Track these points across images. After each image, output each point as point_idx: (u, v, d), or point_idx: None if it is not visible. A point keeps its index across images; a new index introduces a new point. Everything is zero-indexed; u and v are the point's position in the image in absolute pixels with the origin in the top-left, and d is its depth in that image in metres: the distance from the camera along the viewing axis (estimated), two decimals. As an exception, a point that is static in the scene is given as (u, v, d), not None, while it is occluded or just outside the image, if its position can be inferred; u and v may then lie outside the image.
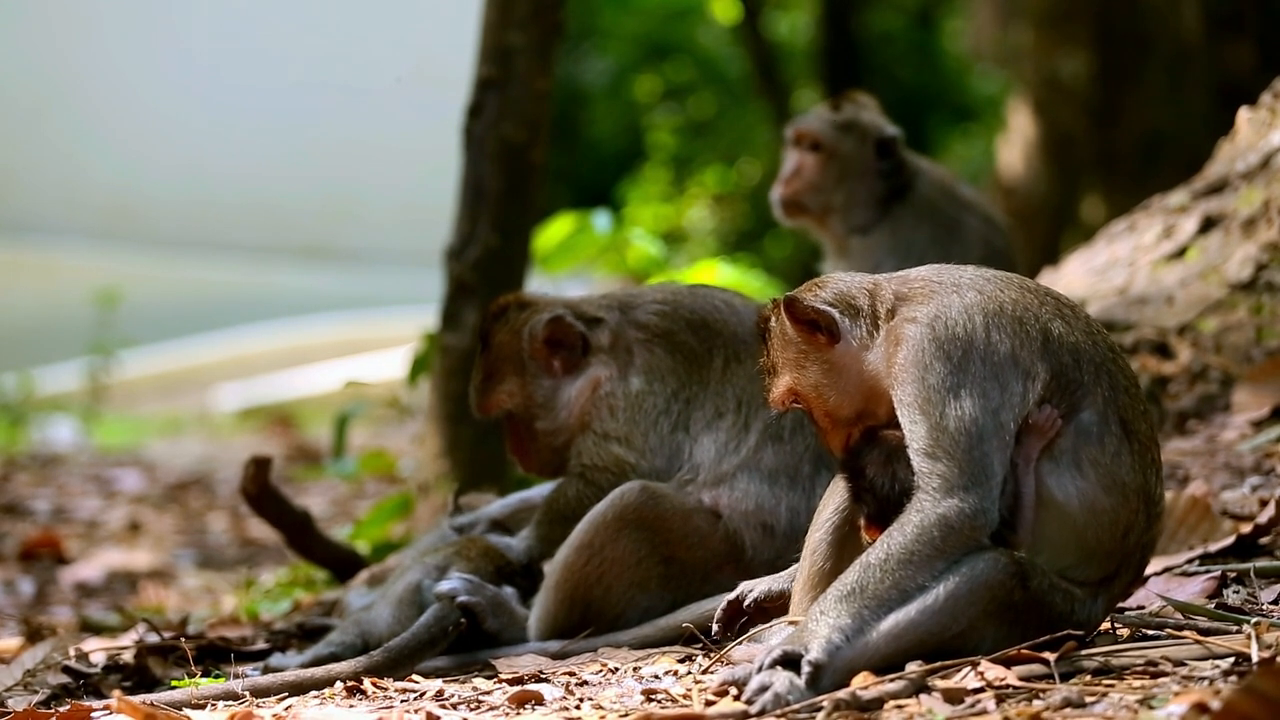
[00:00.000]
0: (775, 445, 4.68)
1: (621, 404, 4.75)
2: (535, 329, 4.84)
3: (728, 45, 21.25)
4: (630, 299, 4.91)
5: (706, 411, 4.73)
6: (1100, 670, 3.63)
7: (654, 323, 4.82)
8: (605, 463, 4.74)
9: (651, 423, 4.74)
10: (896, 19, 20.95)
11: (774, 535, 4.64)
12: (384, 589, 4.97)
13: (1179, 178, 7.28)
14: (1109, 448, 3.75)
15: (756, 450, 4.68)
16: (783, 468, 4.67)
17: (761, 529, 4.67)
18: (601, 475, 4.74)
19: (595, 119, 22.35)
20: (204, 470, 11.75)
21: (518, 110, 6.29)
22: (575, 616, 4.68)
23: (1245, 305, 6.20)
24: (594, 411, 4.79)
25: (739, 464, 4.68)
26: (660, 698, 3.86)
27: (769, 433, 4.67)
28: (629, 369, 4.79)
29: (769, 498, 4.66)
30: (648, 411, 4.75)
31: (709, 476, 4.69)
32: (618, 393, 4.77)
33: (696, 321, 4.80)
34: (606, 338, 4.83)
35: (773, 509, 4.66)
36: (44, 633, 5.82)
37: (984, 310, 3.78)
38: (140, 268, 18.52)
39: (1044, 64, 13.14)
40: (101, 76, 19.98)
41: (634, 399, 4.75)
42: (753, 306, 4.86)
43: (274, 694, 4.35)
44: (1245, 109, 6.85)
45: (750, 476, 4.67)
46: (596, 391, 4.80)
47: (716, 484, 4.68)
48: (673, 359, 4.78)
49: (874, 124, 6.31)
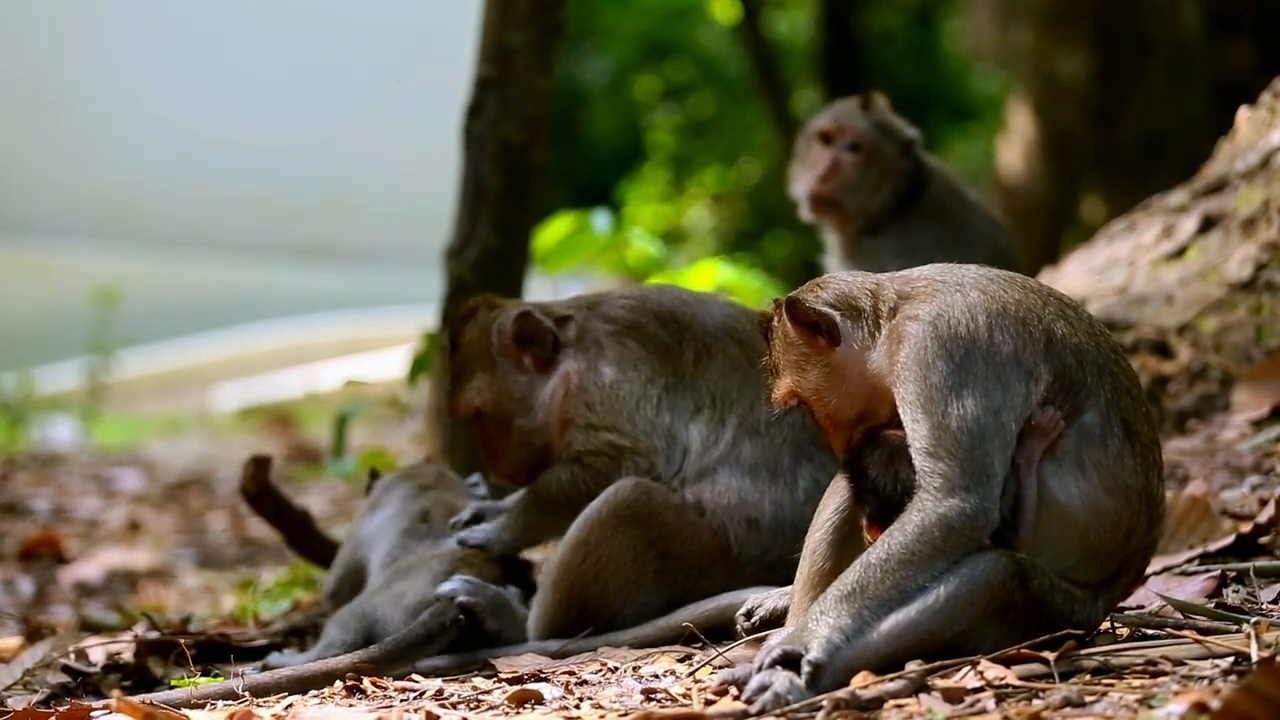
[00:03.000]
0: (753, 439, 4.68)
1: (596, 396, 4.76)
2: (504, 325, 4.85)
3: (727, 45, 21.24)
4: (597, 298, 4.94)
5: (686, 403, 4.73)
6: (1100, 670, 3.63)
7: (622, 316, 4.83)
8: (599, 447, 4.74)
9: (633, 408, 4.74)
10: (896, 19, 20.95)
11: (759, 529, 4.65)
12: (388, 586, 4.94)
13: (1179, 178, 7.28)
14: (1111, 449, 3.74)
15: (734, 444, 4.69)
16: (762, 461, 4.67)
17: (746, 524, 4.67)
18: (597, 459, 4.74)
19: (595, 119, 22.35)
20: (204, 470, 11.74)
21: (518, 110, 6.29)
22: (573, 614, 4.68)
23: (1245, 305, 6.20)
24: (573, 408, 4.80)
25: (718, 458, 4.69)
26: (660, 697, 3.86)
27: (745, 426, 4.68)
28: (599, 360, 4.79)
29: (751, 492, 4.67)
30: (624, 399, 4.74)
31: (692, 471, 4.70)
32: (589, 385, 4.78)
33: (664, 314, 4.82)
34: (574, 331, 4.84)
35: (756, 503, 4.66)
36: (44, 632, 5.82)
37: (987, 310, 3.78)
38: (140, 267, 18.52)
39: (1044, 64, 13.15)
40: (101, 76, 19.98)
41: (608, 389, 4.75)
42: (721, 302, 4.89)
43: (273, 693, 4.35)
44: (1245, 109, 6.86)
45: (731, 471, 4.68)
46: (569, 386, 4.80)
47: (699, 479, 4.69)
48: (643, 349, 4.78)
49: (899, 125, 6.30)
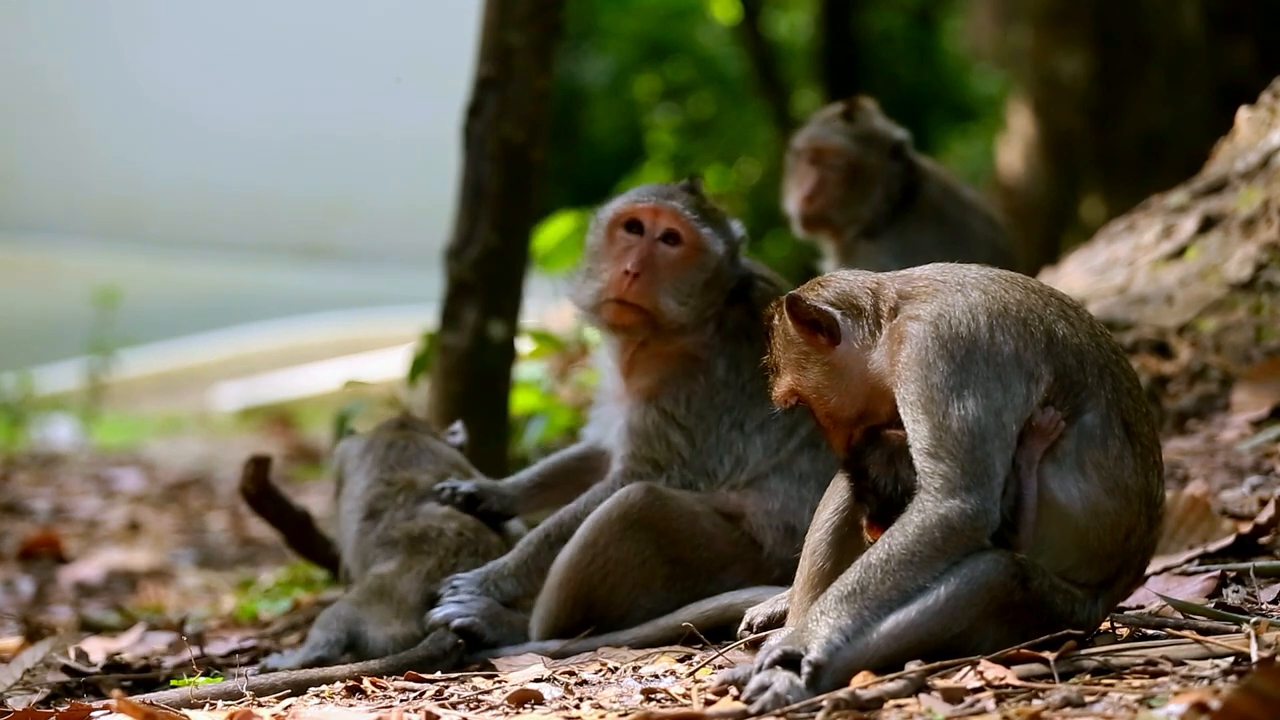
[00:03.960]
0: (812, 452, 4.71)
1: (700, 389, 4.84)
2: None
3: (727, 45, 21.23)
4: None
5: (761, 411, 4.73)
6: (1100, 670, 3.63)
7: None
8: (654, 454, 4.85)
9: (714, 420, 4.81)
10: (896, 18, 20.93)
11: (794, 537, 4.64)
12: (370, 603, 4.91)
13: (1179, 178, 7.28)
14: (1112, 450, 3.74)
15: (795, 455, 4.71)
16: (814, 474, 4.70)
17: (784, 529, 4.69)
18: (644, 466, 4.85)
19: (595, 118, 22.33)
20: (203, 470, 11.74)
21: (517, 110, 6.28)
22: (578, 616, 4.68)
23: (1245, 305, 6.20)
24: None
25: (775, 465, 4.71)
26: (660, 697, 3.86)
27: (810, 439, 4.69)
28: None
29: (795, 499, 4.68)
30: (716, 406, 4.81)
31: (743, 478, 4.71)
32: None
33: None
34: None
35: (797, 510, 4.68)
36: (43, 632, 5.82)
37: (988, 310, 3.78)
38: (140, 267, 18.51)
39: (1043, 64, 13.13)
40: (102, 76, 19.97)
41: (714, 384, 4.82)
42: None
43: (274, 693, 4.35)
44: (1245, 109, 6.86)
45: (782, 478, 4.71)
46: None
47: (749, 484, 4.72)
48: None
49: (886, 130, 6.30)
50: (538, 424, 7.13)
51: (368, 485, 5.06)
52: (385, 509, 5.00)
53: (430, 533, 4.92)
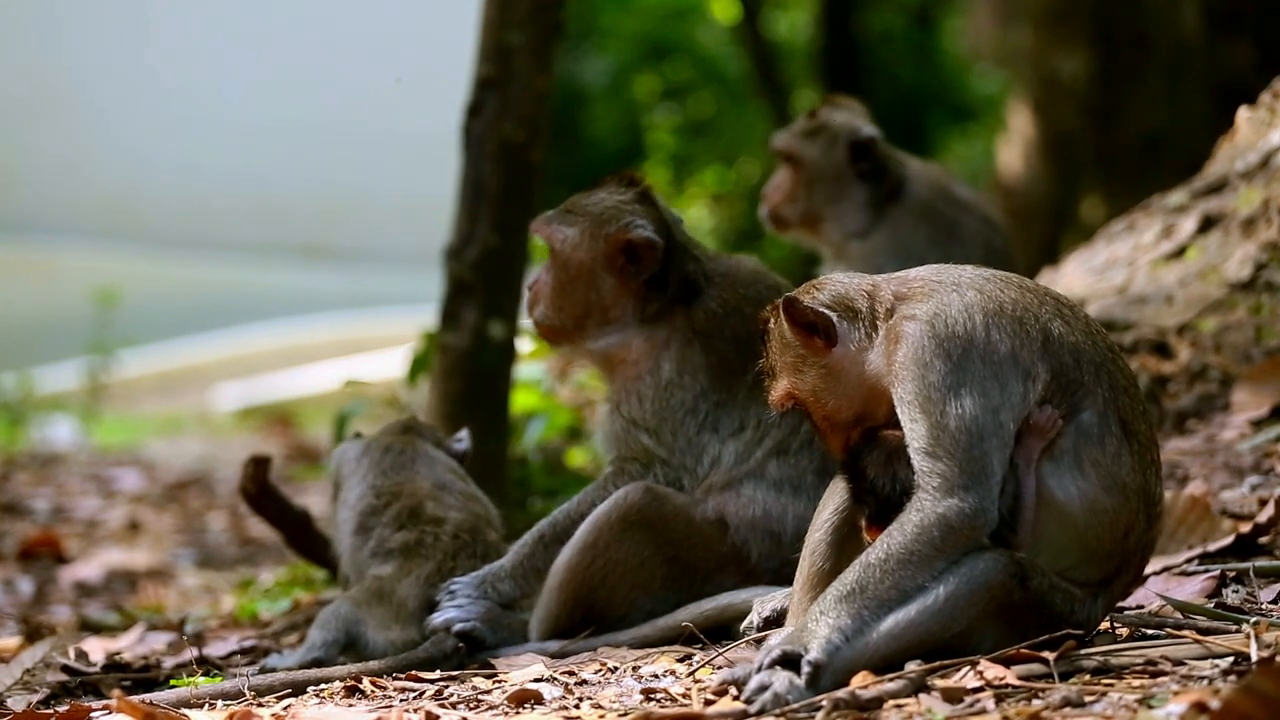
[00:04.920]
0: (780, 459, 4.69)
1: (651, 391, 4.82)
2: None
3: (727, 45, 21.24)
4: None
5: (731, 420, 4.72)
6: (1099, 669, 3.63)
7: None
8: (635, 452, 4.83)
9: (679, 420, 4.79)
10: (896, 18, 20.94)
11: (780, 543, 4.64)
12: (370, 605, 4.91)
13: (1179, 178, 7.28)
14: (1109, 448, 3.74)
15: (763, 462, 4.69)
16: (786, 478, 4.68)
17: (769, 537, 4.67)
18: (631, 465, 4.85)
19: (595, 118, 22.34)
20: (203, 470, 11.74)
21: (517, 110, 6.28)
22: (578, 617, 4.68)
23: (1244, 305, 6.20)
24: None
25: (745, 473, 4.69)
26: (659, 697, 3.86)
27: (776, 449, 4.69)
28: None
29: (775, 505, 4.67)
30: (674, 407, 4.79)
31: (718, 481, 4.70)
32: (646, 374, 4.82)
33: (742, 336, 4.71)
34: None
35: (779, 517, 4.66)
36: (43, 632, 5.82)
37: (984, 309, 3.78)
38: (140, 267, 18.50)
39: (1043, 64, 13.13)
40: (101, 76, 19.97)
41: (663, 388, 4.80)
42: None
43: (273, 693, 4.35)
44: (1245, 109, 6.85)
45: (755, 484, 4.68)
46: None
47: (723, 489, 4.69)
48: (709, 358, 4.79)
49: (846, 126, 6.23)
50: (537, 424, 7.13)
51: (360, 494, 5.06)
52: (374, 526, 5.00)
53: (426, 538, 4.92)
